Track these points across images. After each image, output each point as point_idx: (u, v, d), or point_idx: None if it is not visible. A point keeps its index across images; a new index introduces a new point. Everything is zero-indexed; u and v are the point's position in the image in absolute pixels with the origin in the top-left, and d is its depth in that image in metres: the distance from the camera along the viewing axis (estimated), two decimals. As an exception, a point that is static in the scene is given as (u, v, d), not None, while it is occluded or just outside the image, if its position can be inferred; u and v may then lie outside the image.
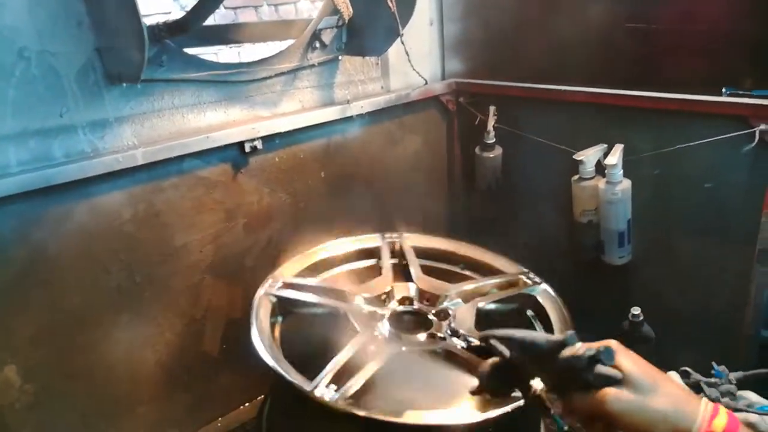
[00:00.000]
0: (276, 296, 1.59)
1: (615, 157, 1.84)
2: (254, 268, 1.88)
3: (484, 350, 1.10)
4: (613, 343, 0.90)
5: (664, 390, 0.86)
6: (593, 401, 0.86)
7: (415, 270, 1.72)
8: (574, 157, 1.93)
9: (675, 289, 1.96)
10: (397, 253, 1.83)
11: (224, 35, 1.78)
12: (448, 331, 1.46)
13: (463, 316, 1.52)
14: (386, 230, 1.91)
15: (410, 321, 1.56)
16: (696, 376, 1.45)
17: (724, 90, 1.67)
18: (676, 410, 0.84)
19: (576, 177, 1.98)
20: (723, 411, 0.84)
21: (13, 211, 1.41)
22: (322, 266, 1.80)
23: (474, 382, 1.10)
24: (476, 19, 2.32)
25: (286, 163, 1.93)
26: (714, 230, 1.81)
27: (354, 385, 1.27)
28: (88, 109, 1.52)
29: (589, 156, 1.92)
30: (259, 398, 1.94)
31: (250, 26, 1.79)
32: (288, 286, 1.63)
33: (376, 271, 1.77)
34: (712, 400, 1.32)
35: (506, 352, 0.98)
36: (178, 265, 1.74)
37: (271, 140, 1.85)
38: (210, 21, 1.73)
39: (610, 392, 0.85)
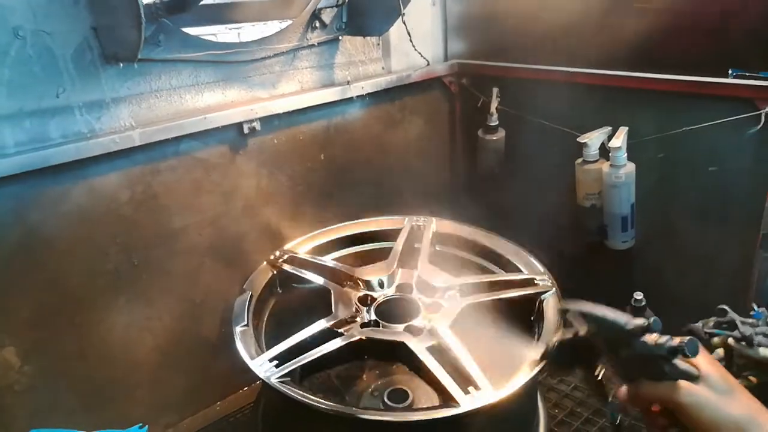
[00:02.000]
0: (278, 268, 1.61)
1: (619, 140, 1.82)
2: (253, 251, 1.86)
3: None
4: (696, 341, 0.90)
5: (739, 396, 0.85)
6: (666, 390, 0.85)
7: (422, 257, 1.69)
8: (578, 139, 1.90)
9: (678, 274, 1.94)
10: (417, 238, 1.79)
11: (223, 14, 1.74)
12: (428, 326, 1.44)
13: (449, 312, 1.48)
14: (388, 213, 1.89)
15: (399, 309, 1.54)
16: (733, 314, 1.40)
17: (730, 72, 1.64)
18: (748, 418, 0.83)
19: (580, 160, 1.95)
20: None
21: (9, 192, 1.40)
22: (339, 244, 1.81)
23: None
24: (479, 0, 2.28)
25: (285, 145, 1.91)
26: (718, 214, 1.79)
27: (294, 365, 1.27)
28: (85, 90, 1.50)
29: (593, 139, 1.89)
30: (257, 382, 1.94)
31: (249, 5, 1.75)
32: (292, 260, 1.63)
33: (388, 253, 1.74)
34: (746, 336, 1.29)
35: (582, 328, 0.96)
36: (176, 248, 1.73)
37: (269, 121, 1.83)
38: (208, 0, 1.70)
39: (685, 384, 0.84)
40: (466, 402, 1.20)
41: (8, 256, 1.44)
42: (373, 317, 1.48)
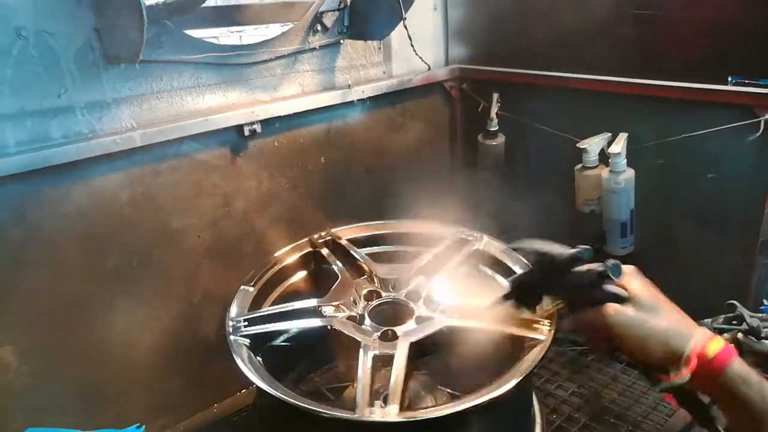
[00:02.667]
0: (248, 336, 1.40)
1: (619, 146, 1.82)
2: (252, 253, 1.87)
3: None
4: (627, 267, 0.95)
5: (665, 312, 0.89)
6: (597, 314, 0.90)
7: (365, 262, 1.64)
8: (577, 145, 1.91)
9: (677, 280, 1.91)
10: (338, 251, 1.70)
11: (225, 17, 1.76)
12: (434, 310, 1.44)
13: (437, 290, 1.49)
14: (389, 217, 1.89)
15: (389, 313, 1.51)
16: (742, 309, 1.41)
17: (730, 78, 1.65)
18: (673, 330, 0.87)
19: (579, 166, 1.96)
20: (720, 339, 0.86)
21: (10, 191, 1.40)
22: (270, 287, 1.63)
23: None
24: (481, 5, 2.29)
25: (286, 148, 1.91)
26: (717, 221, 1.79)
27: (261, 329, 1.30)
28: (87, 90, 1.50)
29: (592, 144, 1.90)
30: (254, 386, 1.94)
31: (251, 8, 1.77)
32: (252, 321, 1.44)
33: (325, 275, 1.66)
34: (753, 328, 1.27)
35: (527, 265, 0.99)
36: (175, 249, 1.73)
37: (270, 124, 1.83)
38: (211, 2, 1.71)
39: (612, 307, 0.89)
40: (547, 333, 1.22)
41: (7, 256, 1.44)
42: (381, 328, 1.42)
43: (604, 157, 1.90)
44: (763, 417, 0.77)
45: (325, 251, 1.69)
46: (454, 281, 1.58)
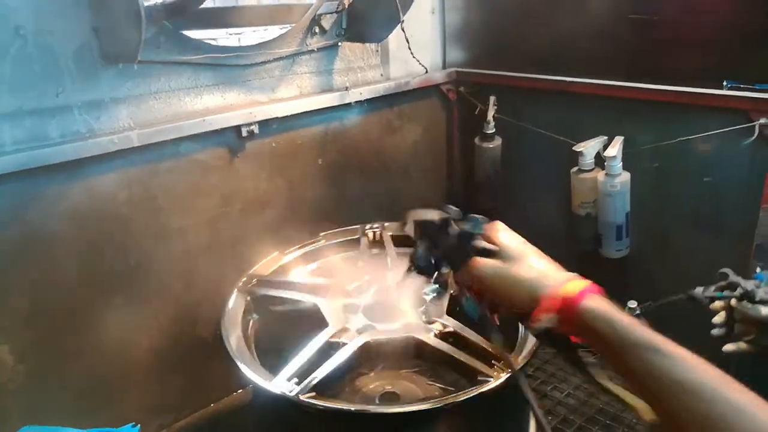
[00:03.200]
0: (251, 294, 1.58)
1: (615, 149, 1.83)
2: (250, 254, 1.86)
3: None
4: (495, 223, 0.97)
5: (529, 261, 0.90)
6: (467, 269, 0.92)
7: (391, 259, 1.70)
8: (573, 148, 1.92)
9: (672, 284, 1.94)
10: (377, 243, 1.81)
11: (223, 18, 1.77)
12: (422, 320, 1.46)
13: (438, 303, 1.50)
14: (387, 219, 1.89)
15: (386, 310, 1.54)
16: (735, 277, 1.34)
17: (725, 83, 1.66)
18: (535, 278, 0.87)
19: (575, 169, 1.97)
20: (582, 281, 0.86)
21: (7, 190, 1.40)
22: (305, 259, 1.78)
23: None
24: (478, 9, 2.30)
25: (283, 149, 1.92)
26: (712, 225, 1.80)
27: (313, 379, 1.26)
28: (85, 90, 1.51)
29: (588, 148, 1.90)
30: (250, 386, 1.94)
31: (250, 10, 1.78)
32: (262, 283, 1.61)
33: (354, 262, 1.75)
34: (747, 292, 1.23)
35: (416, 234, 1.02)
36: (172, 249, 1.73)
37: (268, 125, 1.84)
38: (209, 3, 1.72)
39: (479, 260, 0.91)
40: (497, 374, 1.24)
41: (4, 254, 1.43)
42: (366, 322, 1.48)
43: (600, 161, 1.91)
44: (621, 350, 0.76)
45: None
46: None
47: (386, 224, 1.86)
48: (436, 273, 1.02)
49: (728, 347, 1.30)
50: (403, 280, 1.14)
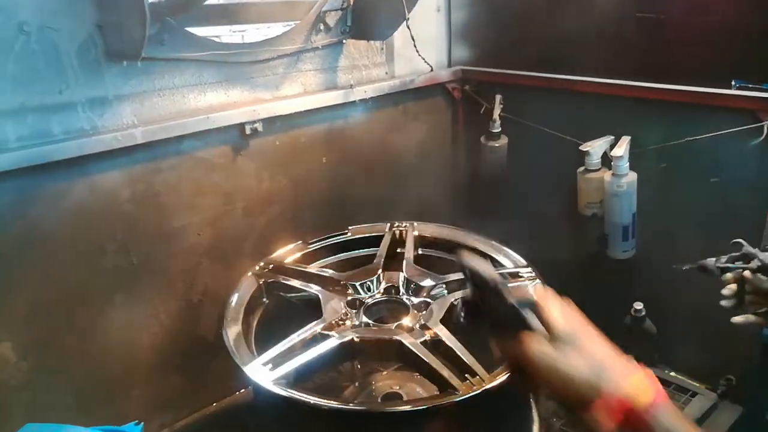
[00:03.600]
0: (264, 279, 1.62)
1: (622, 149, 1.82)
2: (252, 253, 1.86)
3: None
4: (549, 297, 0.87)
5: (585, 348, 0.80)
6: (513, 345, 0.83)
7: (407, 259, 1.70)
8: (580, 148, 1.90)
9: (678, 285, 1.93)
10: (400, 242, 1.80)
11: (227, 15, 1.75)
12: (419, 324, 1.45)
13: (437, 309, 1.50)
14: (389, 218, 1.88)
15: (388, 310, 1.55)
16: (749, 248, 1.28)
17: (733, 83, 1.64)
18: (591, 372, 0.77)
19: (582, 168, 1.95)
20: (646, 378, 0.78)
21: (10, 186, 1.40)
22: (324, 253, 1.80)
23: None
24: (484, 7, 2.29)
25: (287, 147, 1.91)
26: (719, 226, 1.78)
27: (288, 367, 1.28)
28: (88, 87, 1.50)
29: (595, 147, 1.89)
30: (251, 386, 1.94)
31: (254, 6, 1.76)
32: (278, 270, 1.64)
33: (372, 259, 1.74)
34: (765, 265, 1.17)
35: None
36: (175, 247, 1.73)
37: (272, 123, 1.83)
38: (213, 0, 1.71)
39: (529, 339, 0.82)
40: (465, 389, 1.22)
41: (7, 251, 1.43)
42: (364, 319, 1.48)
43: (606, 160, 1.89)
44: None
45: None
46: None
47: (416, 224, 1.85)
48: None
49: (737, 319, 1.25)
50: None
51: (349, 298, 1.55)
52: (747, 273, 1.19)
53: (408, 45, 2.05)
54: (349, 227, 1.85)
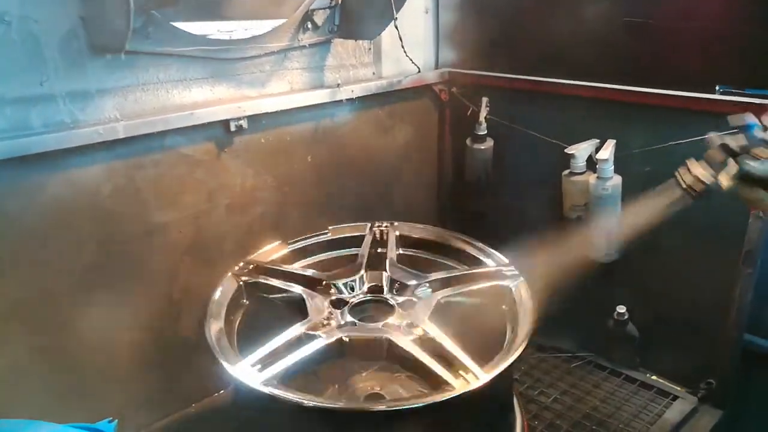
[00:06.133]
0: (244, 279, 1.58)
1: (606, 152, 1.82)
2: (235, 251, 1.84)
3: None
4: None
5: None
6: None
7: (390, 259, 1.69)
8: (565, 151, 1.91)
9: (661, 289, 1.94)
10: (381, 242, 1.79)
11: (214, 10, 1.73)
12: (405, 322, 1.44)
13: (424, 307, 1.49)
14: (374, 219, 1.87)
15: (373, 309, 1.54)
16: (733, 140, 1.19)
17: (717, 88, 1.65)
18: None
19: (567, 171, 1.96)
20: None
21: (-14, 179, 1.37)
22: (305, 253, 1.77)
23: None
24: (472, 10, 2.29)
25: (273, 145, 1.89)
26: (702, 230, 1.79)
27: (277, 368, 1.26)
28: (70, 79, 1.48)
29: (580, 150, 1.89)
30: (232, 385, 1.91)
31: (241, 2, 1.75)
32: (258, 270, 1.61)
33: (354, 259, 1.73)
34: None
35: None
36: (156, 245, 1.70)
37: (257, 120, 1.81)
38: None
39: None
40: (460, 385, 1.21)
41: (-18, 245, 1.40)
42: (349, 318, 1.46)
43: (591, 164, 1.90)
44: None
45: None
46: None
47: (396, 223, 1.83)
48: None
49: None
50: None
51: (333, 297, 1.54)
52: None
53: (396, 46, 2.05)
54: (329, 227, 1.82)
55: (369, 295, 1.58)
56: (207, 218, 1.79)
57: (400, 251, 1.79)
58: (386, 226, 1.82)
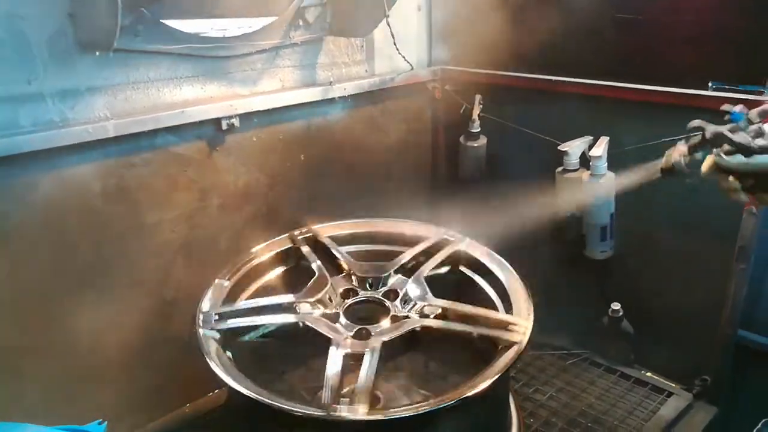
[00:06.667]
0: (219, 330, 1.37)
1: (600, 149, 1.82)
2: (228, 250, 1.83)
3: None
4: None
5: None
6: None
7: (344, 260, 1.64)
8: (559, 148, 1.91)
9: (655, 286, 1.94)
10: (318, 248, 1.69)
11: (205, 7, 1.72)
12: (411, 310, 1.44)
13: (415, 290, 1.49)
14: (369, 218, 1.86)
15: (365, 312, 1.51)
16: (712, 127, 1.14)
17: (710, 84, 1.65)
18: None
19: (560, 169, 1.95)
20: None
21: (-27, 180, 1.36)
22: (245, 282, 1.60)
23: None
24: (465, 7, 2.28)
25: (265, 144, 1.88)
26: (696, 226, 1.79)
27: (232, 324, 1.29)
28: (59, 78, 1.46)
29: (573, 147, 1.89)
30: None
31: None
32: (224, 315, 1.42)
33: (303, 272, 1.62)
34: (750, 145, 1.07)
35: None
36: (148, 244, 1.69)
37: (249, 119, 1.80)
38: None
39: None
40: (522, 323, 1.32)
41: (-29, 245, 1.39)
42: (355, 326, 1.42)
43: (585, 161, 1.89)
44: None
45: (305, 248, 1.66)
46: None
47: (317, 227, 1.74)
48: None
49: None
50: None
51: (347, 287, 1.55)
52: (719, 158, 1.11)
53: (388, 43, 2.04)
54: (251, 250, 1.67)
55: (350, 300, 1.52)
56: (199, 217, 1.78)
57: (444, 269, 1.68)
58: (305, 231, 1.73)
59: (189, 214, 1.75)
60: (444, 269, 1.67)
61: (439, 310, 1.43)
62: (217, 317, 1.39)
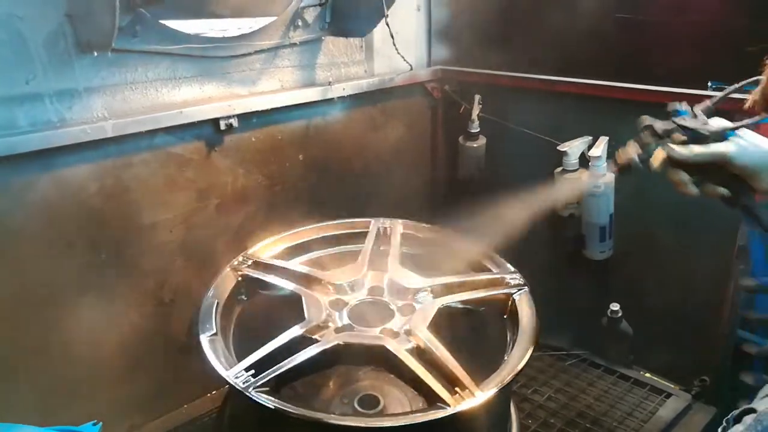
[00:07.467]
0: (242, 274, 1.55)
1: (599, 149, 1.82)
2: (226, 251, 1.82)
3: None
4: None
5: None
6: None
7: (392, 259, 1.65)
8: (558, 148, 1.90)
9: (654, 286, 1.94)
10: (384, 240, 1.73)
11: (203, 8, 1.72)
12: (404, 329, 1.41)
13: (424, 313, 1.45)
14: (367, 217, 1.85)
15: (372, 312, 1.50)
16: (660, 124, 1.14)
17: (709, 83, 1.65)
18: None
19: (559, 169, 1.95)
20: None
21: (-28, 179, 1.36)
22: (305, 248, 1.73)
23: None
24: (464, 7, 2.28)
25: (263, 144, 1.88)
26: (695, 226, 1.79)
27: (271, 374, 1.23)
28: (57, 78, 1.46)
29: (573, 147, 1.89)
30: (226, 386, 1.89)
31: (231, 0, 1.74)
32: (257, 265, 1.58)
33: (355, 257, 1.68)
34: (701, 135, 1.09)
35: None
36: (146, 245, 1.69)
37: (247, 119, 1.80)
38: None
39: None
40: (455, 403, 1.18)
41: (-31, 246, 1.39)
42: (347, 321, 1.43)
43: (584, 161, 1.89)
44: None
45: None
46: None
47: (400, 221, 1.79)
48: None
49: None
50: None
51: (332, 298, 1.50)
52: (671, 149, 1.11)
53: (387, 43, 2.03)
54: (336, 221, 1.79)
55: (369, 296, 1.54)
56: (198, 218, 1.78)
57: (404, 250, 1.72)
58: (390, 223, 1.77)
59: (187, 214, 1.75)
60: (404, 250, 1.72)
61: (418, 342, 1.36)
62: (251, 263, 1.56)
